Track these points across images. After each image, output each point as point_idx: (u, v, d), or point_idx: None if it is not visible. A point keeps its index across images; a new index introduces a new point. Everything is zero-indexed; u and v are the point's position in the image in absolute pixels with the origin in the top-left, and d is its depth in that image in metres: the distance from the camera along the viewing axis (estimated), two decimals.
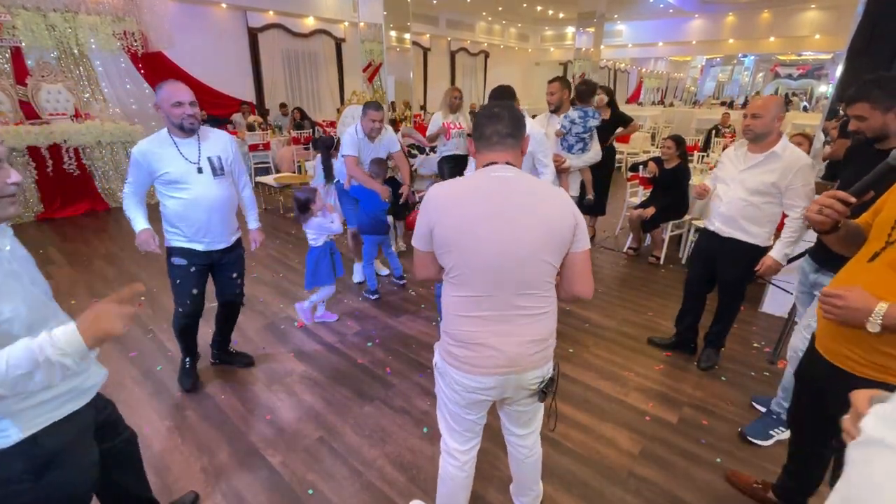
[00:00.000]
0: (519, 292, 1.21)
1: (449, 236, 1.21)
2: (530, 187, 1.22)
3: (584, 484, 1.90)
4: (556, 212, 1.21)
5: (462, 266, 1.21)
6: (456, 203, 1.21)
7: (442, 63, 13.18)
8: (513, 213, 1.18)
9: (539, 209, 1.19)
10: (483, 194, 1.20)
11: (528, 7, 12.58)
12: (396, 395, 2.43)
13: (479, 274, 1.20)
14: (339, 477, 1.93)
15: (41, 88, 5.65)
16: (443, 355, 1.33)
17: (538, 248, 1.19)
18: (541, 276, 1.22)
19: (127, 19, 6.30)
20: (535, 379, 1.30)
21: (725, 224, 2.35)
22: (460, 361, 1.26)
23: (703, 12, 12.83)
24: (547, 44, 16.89)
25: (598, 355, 2.80)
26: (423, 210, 1.26)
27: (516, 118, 1.26)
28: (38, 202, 5.30)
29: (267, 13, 8.53)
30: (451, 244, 1.21)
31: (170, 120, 2.00)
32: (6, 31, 5.43)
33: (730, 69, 22.67)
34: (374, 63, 6.59)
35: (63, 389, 1.07)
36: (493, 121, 1.24)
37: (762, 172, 2.17)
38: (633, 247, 4.58)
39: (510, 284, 1.20)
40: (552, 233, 1.19)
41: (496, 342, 1.23)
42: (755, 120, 2.12)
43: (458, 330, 1.26)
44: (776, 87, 20.40)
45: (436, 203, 1.23)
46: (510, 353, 1.24)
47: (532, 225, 1.18)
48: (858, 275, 1.18)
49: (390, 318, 3.24)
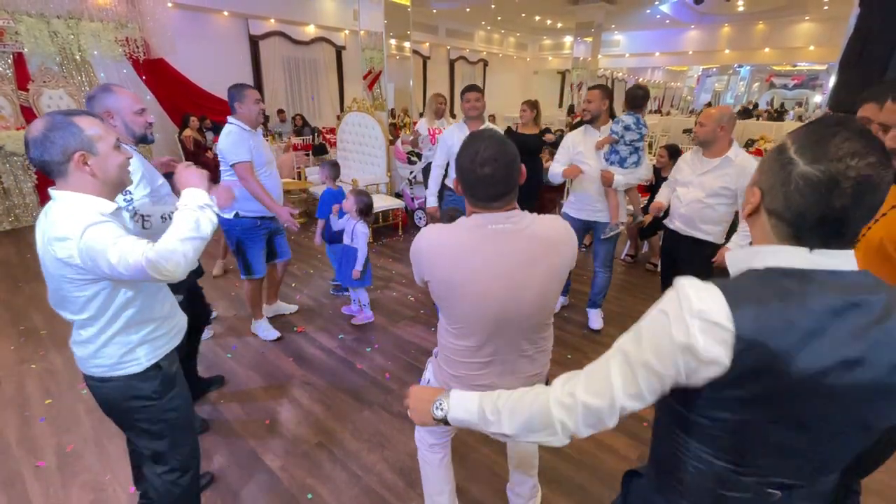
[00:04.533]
0: (523, 338, 1.21)
1: (446, 294, 1.16)
2: (535, 234, 1.13)
3: (581, 489, 1.91)
4: (561, 256, 1.16)
5: (462, 321, 1.18)
6: (449, 258, 1.13)
7: (441, 71, 13.28)
8: (514, 268, 1.11)
9: (544, 260, 1.13)
10: (479, 250, 1.11)
11: (526, 17, 12.72)
12: (395, 400, 2.44)
13: (482, 328, 1.16)
14: (338, 481, 1.94)
15: (43, 94, 5.67)
16: (441, 384, 1.33)
17: (543, 297, 1.16)
18: (544, 318, 1.23)
19: (129, 26, 6.34)
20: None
21: (685, 224, 2.59)
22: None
23: (700, 23, 12.99)
24: (545, 53, 17.03)
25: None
26: (415, 260, 1.20)
27: (511, 171, 1.10)
28: (38, 206, 5.30)
29: (268, 21, 8.60)
30: (450, 301, 1.17)
31: (130, 129, 1.76)
32: (9, 37, 5.47)
33: (726, 79, 22.90)
34: (375, 71, 6.65)
35: (169, 328, 1.41)
36: (484, 184, 1.09)
37: (718, 176, 2.40)
38: (631, 254, 4.61)
39: (514, 333, 1.19)
40: (558, 277, 1.17)
41: (498, 381, 1.24)
42: (700, 128, 2.41)
43: (459, 371, 1.26)
44: (772, 96, 20.60)
45: (428, 253, 1.16)
46: (510, 388, 1.26)
47: (537, 277, 1.12)
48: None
49: (389, 324, 3.25)
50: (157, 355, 1.35)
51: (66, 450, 2.08)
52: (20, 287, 3.70)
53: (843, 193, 0.61)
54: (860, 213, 0.63)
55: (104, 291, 1.20)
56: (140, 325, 1.30)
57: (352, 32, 9.87)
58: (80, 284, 1.16)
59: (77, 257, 1.10)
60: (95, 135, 1.16)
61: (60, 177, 1.15)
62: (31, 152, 1.12)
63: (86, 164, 1.14)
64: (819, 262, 0.65)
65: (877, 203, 0.63)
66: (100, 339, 1.25)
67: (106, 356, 1.27)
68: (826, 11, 10.74)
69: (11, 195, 5.10)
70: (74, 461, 2.02)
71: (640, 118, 2.79)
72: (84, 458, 2.03)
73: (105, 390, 1.32)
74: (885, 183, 0.62)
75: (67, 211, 1.12)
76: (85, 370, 1.32)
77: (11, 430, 2.20)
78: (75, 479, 1.93)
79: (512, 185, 1.12)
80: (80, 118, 1.15)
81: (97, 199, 1.17)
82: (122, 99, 1.74)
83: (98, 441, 2.13)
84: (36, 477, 1.94)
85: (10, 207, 5.12)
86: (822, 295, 0.63)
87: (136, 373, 1.31)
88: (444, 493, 1.55)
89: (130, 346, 1.29)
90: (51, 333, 3.03)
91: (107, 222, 1.13)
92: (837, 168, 0.61)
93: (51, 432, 2.19)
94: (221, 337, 3.04)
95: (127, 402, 1.33)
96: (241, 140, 2.48)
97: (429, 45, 12.38)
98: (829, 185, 0.62)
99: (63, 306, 1.24)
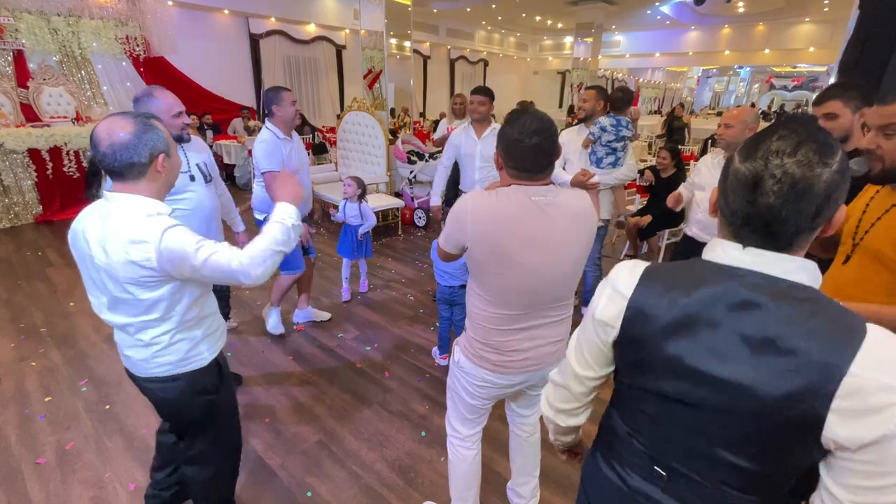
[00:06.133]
0: (552, 305, 1.26)
1: (488, 261, 1.19)
2: (569, 208, 1.18)
3: None
4: (591, 227, 1.22)
5: (501, 290, 1.21)
6: (496, 227, 1.15)
7: (442, 71, 13.28)
8: (555, 240, 1.16)
9: (578, 232, 1.19)
10: (524, 221, 1.14)
11: (527, 17, 12.73)
12: (395, 399, 2.44)
13: (518, 297, 1.21)
14: (338, 480, 1.94)
15: (43, 91, 5.67)
16: (471, 358, 1.34)
17: (576, 267, 1.23)
18: (573, 287, 1.28)
19: (130, 24, 6.34)
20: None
21: (703, 230, 2.46)
22: (494, 364, 1.31)
23: (700, 24, 13.01)
24: (545, 53, 17.04)
25: None
26: (457, 224, 1.21)
27: (555, 143, 1.16)
28: (38, 204, 5.30)
29: (269, 20, 8.60)
30: (491, 269, 1.19)
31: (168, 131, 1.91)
32: (9, 34, 5.47)
33: (726, 80, 22.94)
34: (375, 70, 6.65)
35: (220, 324, 1.46)
36: (534, 153, 1.13)
37: None
38: (630, 254, 4.62)
39: (547, 301, 1.24)
40: (588, 249, 1.23)
41: (528, 346, 1.29)
42: (727, 129, 2.26)
43: (492, 339, 1.29)
44: (771, 98, 20.64)
45: (473, 221, 1.17)
46: (539, 354, 1.30)
47: (573, 249, 1.19)
48: (839, 279, 1.26)
49: (388, 323, 3.25)
50: (216, 349, 1.41)
51: (66, 447, 2.08)
52: (20, 285, 3.70)
53: (767, 192, 0.60)
54: (791, 214, 0.60)
55: (173, 291, 1.22)
56: (201, 321, 1.34)
57: (352, 32, 9.88)
58: (150, 286, 1.17)
59: (155, 260, 1.11)
60: (170, 139, 1.22)
61: (134, 179, 1.16)
62: (120, 154, 1.11)
63: (164, 166, 1.19)
64: (745, 261, 0.65)
65: (813, 206, 0.60)
66: (166, 339, 1.27)
67: (172, 353, 1.29)
68: (826, 13, 10.77)
69: (11, 193, 5.10)
70: (74, 459, 2.03)
71: (622, 120, 2.82)
72: (84, 456, 2.04)
73: (171, 390, 1.33)
74: (820, 184, 0.59)
75: (136, 213, 1.13)
76: (144, 373, 1.32)
77: (11, 428, 2.20)
78: (75, 477, 1.93)
79: (555, 157, 1.17)
80: (158, 122, 1.20)
81: (155, 201, 1.19)
82: (163, 102, 1.85)
83: (98, 439, 2.14)
84: (36, 474, 1.94)
85: (9, 205, 5.12)
86: (727, 288, 0.65)
87: (200, 368, 1.35)
88: (473, 488, 1.57)
89: (195, 341, 1.32)
90: (51, 331, 3.03)
91: (180, 225, 1.16)
92: (759, 166, 0.61)
93: (51, 430, 2.19)
94: None
95: (193, 397, 1.37)
96: (275, 149, 2.49)
97: (429, 44, 12.38)
98: (753, 183, 0.61)
99: (120, 310, 1.23)
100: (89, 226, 1.17)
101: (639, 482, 0.78)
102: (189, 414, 1.42)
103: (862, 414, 0.56)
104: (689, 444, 0.70)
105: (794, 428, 0.60)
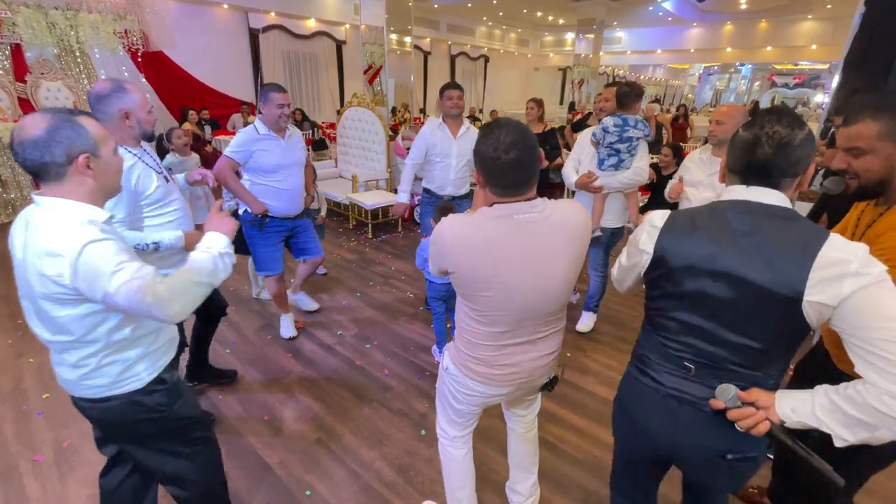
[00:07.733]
0: (543, 321, 1.24)
1: (469, 285, 1.16)
2: (556, 222, 1.14)
3: (580, 487, 1.91)
4: (581, 242, 1.19)
5: (488, 308, 1.18)
6: (474, 251, 1.12)
7: (442, 67, 13.21)
8: (543, 260, 1.13)
9: (567, 247, 1.15)
10: (502, 241, 1.10)
11: (528, 13, 12.65)
12: (394, 398, 2.43)
13: (506, 315, 1.18)
14: (337, 478, 1.93)
15: (41, 86, 5.63)
16: (461, 368, 1.33)
17: (567, 284, 1.20)
18: (563, 302, 1.25)
19: (128, 18, 6.29)
20: (543, 380, 1.38)
21: None
22: (481, 376, 1.29)
23: (702, 21, 12.93)
24: (546, 49, 16.95)
25: (596, 360, 2.81)
26: (438, 252, 1.18)
27: (534, 155, 1.10)
28: None
29: (268, 14, 8.54)
30: (475, 291, 1.16)
31: (142, 128, 1.73)
32: (6, 28, 5.42)
33: (727, 77, 22.83)
34: (375, 66, 6.61)
35: (166, 339, 1.32)
36: (512, 169, 1.07)
37: None
38: None
39: (537, 317, 1.22)
40: (578, 263, 1.20)
41: (519, 360, 1.27)
42: (719, 126, 2.22)
43: (479, 353, 1.27)
44: (773, 95, 20.56)
45: (452, 248, 1.13)
46: (529, 367, 1.29)
47: (561, 265, 1.15)
48: None
49: (388, 321, 3.24)
50: (157, 368, 1.26)
51: (63, 445, 2.08)
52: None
53: (764, 145, 0.91)
54: (781, 161, 0.91)
55: (93, 312, 1.08)
56: (136, 341, 1.20)
57: (352, 27, 9.81)
58: (63, 303, 1.05)
59: (68, 277, 0.99)
60: (100, 137, 1.10)
61: (55, 180, 1.05)
62: (28, 152, 1.01)
63: (88, 167, 1.06)
64: (751, 195, 0.96)
65: (794, 156, 0.91)
66: (93, 361, 1.14)
67: (102, 377, 1.17)
68: (829, 10, 10.71)
69: (9, 188, 5.08)
70: (72, 456, 2.02)
71: (629, 119, 2.57)
72: (81, 453, 2.03)
73: (102, 410, 1.21)
74: (797, 140, 0.90)
75: (59, 221, 1.02)
76: (74, 392, 1.21)
77: (9, 425, 2.19)
78: (73, 474, 1.92)
79: (536, 170, 1.12)
80: (84, 119, 1.08)
81: (90, 206, 1.08)
82: (136, 97, 1.68)
83: None
84: (33, 471, 1.94)
85: (7, 200, 5.10)
86: (734, 212, 0.95)
87: (137, 389, 1.22)
88: (466, 487, 1.56)
89: (128, 363, 1.19)
90: None
91: (108, 240, 1.03)
92: (758, 130, 0.92)
93: (48, 427, 2.18)
94: (220, 332, 3.02)
95: (131, 416, 1.24)
96: (246, 142, 2.47)
97: (430, 40, 12.31)
98: (754, 141, 0.93)
99: (39, 324, 1.11)
100: (17, 230, 1.08)
101: (672, 381, 1.05)
102: (131, 435, 1.29)
103: (830, 280, 0.84)
104: (708, 336, 0.98)
105: (782, 303, 0.88)
